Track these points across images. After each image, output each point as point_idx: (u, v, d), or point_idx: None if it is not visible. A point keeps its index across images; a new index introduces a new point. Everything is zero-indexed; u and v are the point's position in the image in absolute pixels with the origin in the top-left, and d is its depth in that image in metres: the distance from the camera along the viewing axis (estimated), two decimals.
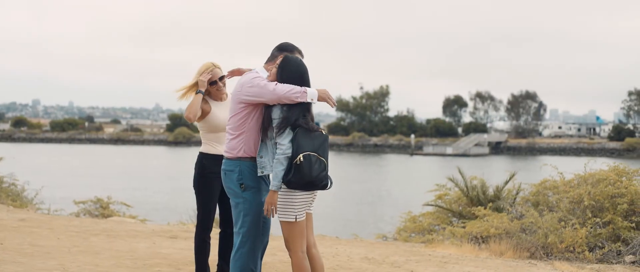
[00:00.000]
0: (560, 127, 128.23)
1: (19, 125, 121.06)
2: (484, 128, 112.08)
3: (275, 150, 5.26)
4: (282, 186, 5.23)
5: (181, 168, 57.23)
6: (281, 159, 5.17)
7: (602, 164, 11.12)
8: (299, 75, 5.36)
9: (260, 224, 5.49)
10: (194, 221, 14.18)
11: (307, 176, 5.14)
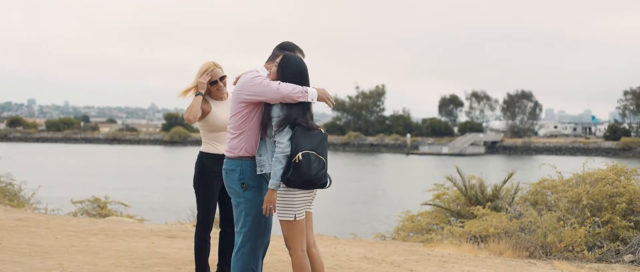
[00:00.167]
0: (556, 126, 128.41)
1: (15, 125, 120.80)
2: (480, 128, 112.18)
3: (274, 148, 5.25)
4: (281, 185, 5.22)
5: (177, 168, 57.24)
6: (280, 158, 5.16)
7: (601, 164, 11.12)
8: (300, 74, 5.35)
9: (261, 224, 5.48)
10: (192, 221, 14.15)
11: (306, 175, 5.13)
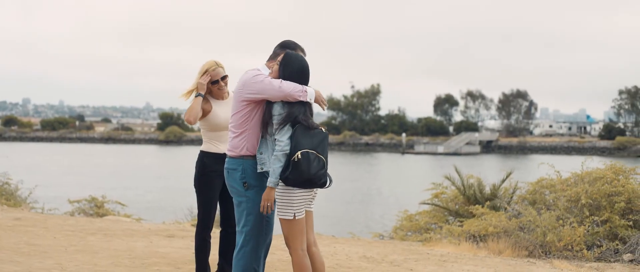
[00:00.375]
0: (551, 125, 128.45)
1: (10, 124, 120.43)
2: (475, 127, 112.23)
3: (275, 146, 5.23)
4: (281, 183, 5.21)
5: (173, 167, 57.18)
6: (279, 156, 5.15)
7: (599, 163, 11.12)
8: (301, 72, 5.35)
9: (263, 223, 5.46)
10: (189, 220, 14.12)
11: (306, 174, 5.11)
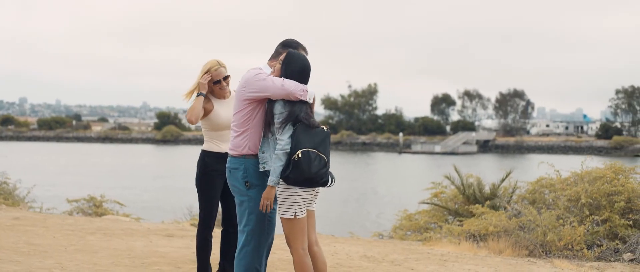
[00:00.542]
0: (548, 125, 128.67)
1: (6, 123, 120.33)
2: (472, 126, 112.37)
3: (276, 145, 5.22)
4: (282, 182, 5.20)
5: (170, 166, 57.16)
6: (280, 155, 5.14)
7: (598, 162, 11.13)
8: (303, 71, 5.34)
9: (265, 222, 5.45)
10: (189, 219, 14.11)
11: (306, 172, 5.10)
